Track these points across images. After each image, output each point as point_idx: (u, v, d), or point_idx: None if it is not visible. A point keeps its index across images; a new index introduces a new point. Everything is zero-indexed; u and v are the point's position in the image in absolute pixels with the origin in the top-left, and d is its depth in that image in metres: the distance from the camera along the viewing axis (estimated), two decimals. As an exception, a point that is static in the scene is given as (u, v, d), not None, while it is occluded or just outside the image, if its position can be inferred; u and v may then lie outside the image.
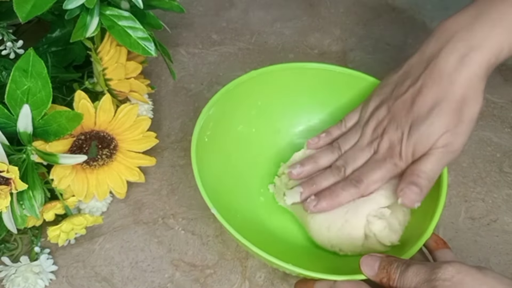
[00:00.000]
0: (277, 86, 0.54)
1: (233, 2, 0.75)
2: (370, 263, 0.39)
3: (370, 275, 0.39)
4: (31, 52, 0.43)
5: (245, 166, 0.53)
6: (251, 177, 0.53)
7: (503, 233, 0.53)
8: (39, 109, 0.43)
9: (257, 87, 0.53)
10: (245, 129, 0.54)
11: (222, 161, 0.51)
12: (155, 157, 0.53)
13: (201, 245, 0.51)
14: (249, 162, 0.53)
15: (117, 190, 0.51)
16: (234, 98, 0.52)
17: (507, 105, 0.64)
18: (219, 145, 0.51)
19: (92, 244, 0.51)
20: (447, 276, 0.35)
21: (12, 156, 0.43)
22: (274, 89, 0.54)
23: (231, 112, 0.52)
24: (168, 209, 0.54)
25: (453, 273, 0.35)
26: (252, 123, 0.54)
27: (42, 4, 0.42)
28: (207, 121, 0.49)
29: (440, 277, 0.35)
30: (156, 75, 0.65)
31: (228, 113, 0.52)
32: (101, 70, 0.48)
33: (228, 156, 0.52)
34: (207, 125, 0.49)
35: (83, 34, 0.45)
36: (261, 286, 0.49)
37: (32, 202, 0.43)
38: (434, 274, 0.35)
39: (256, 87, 0.53)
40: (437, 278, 0.35)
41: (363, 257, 0.40)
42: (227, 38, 0.71)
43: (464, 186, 0.56)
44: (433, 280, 0.35)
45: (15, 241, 0.50)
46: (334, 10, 0.74)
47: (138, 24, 0.47)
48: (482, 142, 0.60)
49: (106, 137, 0.49)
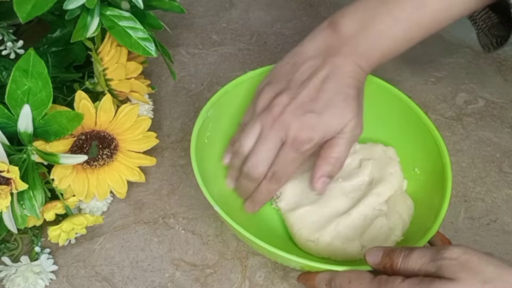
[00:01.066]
0: None
1: (233, 2, 0.75)
2: (374, 253, 0.39)
3: (374, 264, 0.39)
4: (31, 52, 0.43)
5: None
6: None
7: (502, 233, 0.53)
8: (39, 109, 0.43)
9: (255, 87, 0.53)
10: None
11: None
12: (156, 157, 0.53)
13: (201, 244, 0.51)
14: None
15: (117, 190, 0.51)
16: (232, 99, 0.52)
17: (507, 105, 0.64)
18: (219, 145, 0.51)
19: (93, 244, 0.51)
20: (454, 256, 0.34)
21: (13, 156, 0.43)
22: None
23: (230, 113, 0.52)
24: (168, 209, 0.54)
25: (460, 253, 0.34)
26: None
27: (43, 5, 0.42)
28: (206, 122, 0.49)
29: (446, 256, 0.34)
30: (157, 75, 0.65)
31: (227, 114, 0.52)
32: (102, 70, 0.48)
33: None
34: (206, 126, 0.49)
35: (84, 35, 0.45)
36: (261, 286, 0.49)
37: (32, 202, 0.44)
38: (440, 254, 0.35)
39: (254, 88, 0.53)
40: (443, 258, 0.34)
41: (368, 249, 0.40)
42: (227, 38, 0.71)
43: (464, 186, 0.56)
44: (439, 259, 0.34)
45: (15, 241, 0.50)
46: (334, 10, 0.74)
47: (139, 24, 0.47)
48: (481, 142, 0.60)
49: (106, 137, 0.49)
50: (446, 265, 0.34)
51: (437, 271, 0.34)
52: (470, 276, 0.33)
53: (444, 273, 0.34)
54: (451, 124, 0.62)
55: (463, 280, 0.33)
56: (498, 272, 0.33)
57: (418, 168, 0.51)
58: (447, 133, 0.61)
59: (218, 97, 0.51)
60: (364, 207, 0.48)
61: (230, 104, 0.52)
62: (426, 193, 0.49)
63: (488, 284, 0.33)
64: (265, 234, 0.45)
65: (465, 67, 0.67)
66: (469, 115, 0.63)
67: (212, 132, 0.50)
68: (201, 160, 0.47)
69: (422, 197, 0.50)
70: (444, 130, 0.61)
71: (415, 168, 0.52)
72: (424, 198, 0.49)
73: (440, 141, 0.49)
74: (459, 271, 0.33)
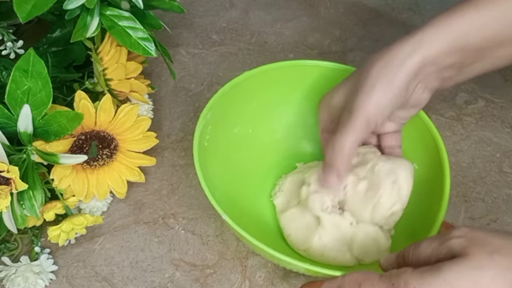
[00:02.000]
0: (270, 86, 0.54)
1: (233, 2, 0.75)
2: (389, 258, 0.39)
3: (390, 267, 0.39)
4: (31, 52, 0.43)
5: (246, 167, 0.53)
6: (253, 177, 0.53)
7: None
8: (39, 109, 0.43)
9: (251, 88, 0.53)
10: (242, 130, 0.54)
11: (224, 164, 0.51)
12: (155, 157, 0.53)
13: (201, 244, 0.51)
14: (249, 163, 0.53)
15: (117, 190, 0.51)
16: (229, 100, 0.52)
17: (507, 105, 0.64)
18: (219, 148, 0.51)
19: (92, 244, 0.51)
20: (461, 234, 0.35)
21: (13, 156, 0.43)
22: (268, 89, 0.54)
23: (228, 114, 0.52)
24: (168, 209, 0.54)
25: (466, 231, 0.35)
26: (248, 124, 0.54)
27: (43, 4, 0.42)
28: (205, 125, 0.49)
29: (454, 235, 0.35)
30: (157, 75, 0.65)
31: (225, 116, 0.52)
32: (102, 70, 0.48)
33: (229, 158, 0.52)
34: (205, 130, 0.49)
35: (84, 34, 0.45)
36: (261, 286, 0.49)
37: (32, 202, 0.43)
38: (448, 235, 0.35)
39: (250, 88, 0.53)
40: (451, 237, 0.35)
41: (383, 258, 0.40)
42: (227, 38, 0.71)
43: (464, 186, 0.56)
44: (447, 239, 0.35)
45: (15, 241, 0.50)
46: (334, 10, 0.75)
47: (139, 24, 0.47)
48: (481, 142, 0.60)
49: (106, 137, 0.49)
50: (454, 243, 0.34)
51: (447, 252, 0.35)
52: (478, 249, 0.33)
53: (454, 252, 0.34)
54: (451, 124, 0.62)
55: (471, 254, 0.33)
56: (505, 242, 0.34)
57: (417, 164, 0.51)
58: (447, 133, 0.61)
59: (216, 99, 0.50)
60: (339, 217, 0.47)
61: (228, 106, 0.52)
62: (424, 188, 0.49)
63: (495, 253, 0.33)
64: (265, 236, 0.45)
65: (465, 67, 0.67)
66: (469, 115, 0.63)
67: (211, 135, 0.50)
68: (204, 164, 0.46)
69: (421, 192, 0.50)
70: (444, 130, 0.61)
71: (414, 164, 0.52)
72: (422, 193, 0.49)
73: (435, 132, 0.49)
74: (468, 246, 0.34)
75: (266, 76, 0.53)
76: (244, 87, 0.52)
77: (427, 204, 0.47)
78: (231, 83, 0.52)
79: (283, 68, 0.54)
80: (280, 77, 0.54)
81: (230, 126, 0.53)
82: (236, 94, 0.52)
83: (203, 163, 0.46)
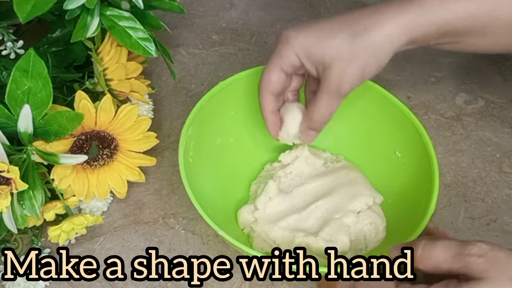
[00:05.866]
0: (246, 92, 0.54)
1: (233, 2, 0.75)
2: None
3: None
4: (31, 52, 0.43)
5: (234, 176, 0.54)
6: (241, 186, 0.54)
7: (502, 233, 0.53)
8: (39, 109, 0.43)
9: (227, 97, 0.53)
10: (223, 141, 0.54)
11: (212, 177, 0.52)
12: (156, 157, 0.53)
13: (201, 244, 0.51)
14: (236, 173, 0.54)
15: (117, 190, 0.51)
16: (208, 113, 0.52)
17: (507, 105, 0.64)
18: (204, 162, 0.51)
19: (93, 244, 0.51)
20: (482, 253, 0.33)
21: (13, 156, 0.43)
22: (244, 96, 0.54)
23: (208, 127, 0.52)
24: (168, 209, 0.54)
25: (487, 250, 0.33)
26: (229, 133, 0.54)
27: (43, 4, 0.42)
28: (188, 141, 0.49)
29: (474, 253, 0.33)
30: (157, 75, 0.65)
31: (206, 129, 0.52)
32: (102, 70, 0.48)
33: (216, 170, 0.53)
34: (188, 146, 0.49)
35: (84, 35, 0.45)
36: (261, 286, 0.49)
37: (32, 202, 0.44)
38: (468, 250, 0.34)
39: (226, 98, 0.53)
40: (471, 254, 0.33)
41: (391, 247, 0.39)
42: (227, 38, 0.71)
43: (464, 186, 0.56)
44: (466, 255, 0.33)
45: (15, 241, 0.50)
46: (334, 11, 0.75)
47: (139, 24, 0.47)
48: (481, 142, 0.60)
49: (106, 137, 0.49)
50: (473, 262, 0.33)
51: (462, 267, 0.34)
52: (499, 273, 0.32)
53: (472, 272, 0.33)
54: (451, 124, 0.62)
55: (492, 278, 0.32)
56: None
57: (399, 151, 0.52)
58: (447, 133, 0.61)
59: (194, 113, 0.50)
60: None
61: (207, 118, 0.52)
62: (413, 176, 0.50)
63: None
64: None
65: (465, 67, 0.67)
66: (469, 115, 0.63)
67: (195, 151, 0.50)
68: (192, 181, 0.46)
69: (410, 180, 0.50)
70: (444, 130, 0.61)
71: (396, 151, 0.52)
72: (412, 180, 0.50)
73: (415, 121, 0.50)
74: (488, 270, 0.33)
75: (241, 83, 0.53)
76: (221, 97, 0.52)
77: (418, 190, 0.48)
78: (207, 95, 0.51)
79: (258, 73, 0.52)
80: (255, 83, 0.52)
81: (212, 138, 0.53)
82: (214, 106, 0.52)
83: (191, 180, 0.46)
